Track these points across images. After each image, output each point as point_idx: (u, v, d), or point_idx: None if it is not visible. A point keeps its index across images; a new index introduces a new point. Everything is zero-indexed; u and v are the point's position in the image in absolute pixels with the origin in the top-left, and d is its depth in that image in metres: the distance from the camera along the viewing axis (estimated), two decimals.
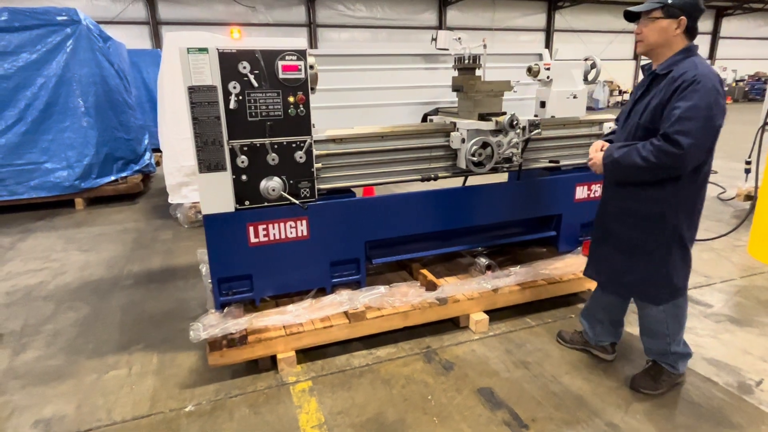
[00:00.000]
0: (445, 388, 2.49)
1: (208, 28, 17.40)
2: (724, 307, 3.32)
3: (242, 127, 2.54)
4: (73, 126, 6.09)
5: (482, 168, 3.05)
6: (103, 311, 3.45)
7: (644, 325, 2.46)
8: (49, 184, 6.11)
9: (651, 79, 2.20)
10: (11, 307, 3.55)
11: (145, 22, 16.95)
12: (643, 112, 2.17)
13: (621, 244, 2.34)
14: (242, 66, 2.45)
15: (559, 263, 3.40)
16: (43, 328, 3.23)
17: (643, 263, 2.27)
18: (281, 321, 2.72)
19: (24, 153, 5.98)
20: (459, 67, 3.19)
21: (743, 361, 2.68)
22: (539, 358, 2.75)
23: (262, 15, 18.25)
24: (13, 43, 5.71)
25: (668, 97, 2.02)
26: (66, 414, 2.38)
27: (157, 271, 4.17)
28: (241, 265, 2.76)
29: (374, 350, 2.86)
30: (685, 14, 2.04)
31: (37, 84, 5.85)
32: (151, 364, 2.79)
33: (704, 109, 1.93)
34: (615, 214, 2.36)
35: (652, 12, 2.09)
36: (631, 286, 2.37)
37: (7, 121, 5.85)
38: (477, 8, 20.89)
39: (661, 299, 2.30)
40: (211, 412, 2.37)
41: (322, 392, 2.49)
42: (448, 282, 3.22)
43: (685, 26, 2.06)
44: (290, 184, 2.71)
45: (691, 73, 1.98)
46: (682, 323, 2.38)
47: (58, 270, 4.25)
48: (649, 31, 2.13)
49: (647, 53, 2.23)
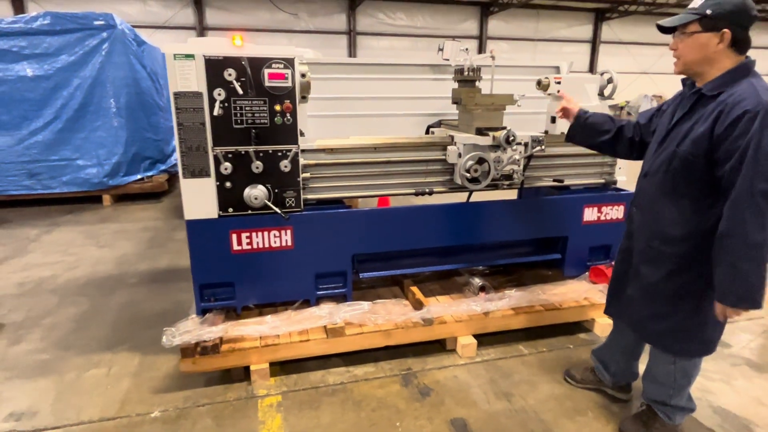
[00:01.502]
0: (417, 416, 2.36)
1: (252, 34, 17.90)
2: (744, 348, 3.01)
3: (227, 134, 2.53)
4: (104, 125, 6.36)
5: (478, 184, 2.91)
6: (102, 308, 3.53)
7: (651, 371, 2.21)
8: (79, 180, 6.40)
9: (696, 101, 1.88)
10: (19, 298, 3.70)
11: (192, 28, 17.63)
12: (684, 139, 1.85)
13: (649, 288, 2.03)
14: (228, 73, 2.44)
15: (561, 288, 3.20)
16: (42, 321, 3.33)
17: (675, 311, 1.97)
18: (258, 331, 2.68)
19: (58, 149, 6.29)
20: (458, 79, 3.07)
21: (755, 413, 2.40)
22: (524, 390, 2.57)
23: (304, 22, 18.61)
24: (54, 46, 6.03)
25: (723, 129, 1.70)
26: (39, 410, 2.42)
27: (163, 271, 4.24)
28: (223, 272, 2.74)
29: (353, 368, 2.76)
30: (729, 25, 1.71)
31: (73, 85, 6.15)
32: (132, 365, 2.81)
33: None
34: (646, 254, 2.04)
35: (689, 25, 1.80)
36: (658, 335, 2.07)
37: (45, 119, 6.18)
38: (520, 18, 20.50)
39: (690, 353, 2.03)
40: (176, 419, 2.34)
41: (289, 409, 2.42)
42: (439, 301, 3.09)
43: (731, 39, 1.74)
44: (275, 193, 2.68)
45: (752, 100, 1.66)
46: (691, 379, 2.13)
47: (71, 264, 4.40)
48: (686, 47, 1.83)
49: (686, 73, 1.92)
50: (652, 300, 2.04)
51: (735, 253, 1.71)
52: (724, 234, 1.74)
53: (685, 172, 1.85)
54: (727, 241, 1.73)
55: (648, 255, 2.04)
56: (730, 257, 1.73)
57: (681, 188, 1.89)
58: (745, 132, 1.65)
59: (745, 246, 1.69)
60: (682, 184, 1.88)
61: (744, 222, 1.68)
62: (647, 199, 2.04)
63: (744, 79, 1.75)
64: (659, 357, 2.13)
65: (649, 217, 2.03)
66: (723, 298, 1.77)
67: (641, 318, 2.10)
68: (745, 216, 1.68)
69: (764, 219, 1.66)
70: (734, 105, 1.69)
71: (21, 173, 6.25)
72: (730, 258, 1.73)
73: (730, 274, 1.74)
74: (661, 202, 1.96)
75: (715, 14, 1.73)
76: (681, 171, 1.86)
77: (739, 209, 1.68)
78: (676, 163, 1.87)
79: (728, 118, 1.69)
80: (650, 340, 2.14)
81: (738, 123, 1.67)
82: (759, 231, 1.67)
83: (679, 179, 1.88)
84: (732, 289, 1.74)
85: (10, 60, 5.96)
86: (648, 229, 2.03)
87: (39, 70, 6.04)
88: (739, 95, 1.70)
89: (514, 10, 19.88)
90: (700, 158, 1.79)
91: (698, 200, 1.84)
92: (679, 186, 1.89)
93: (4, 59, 5.93)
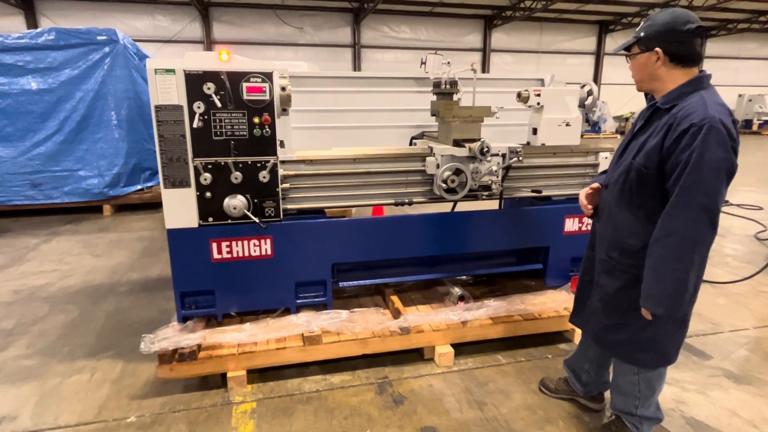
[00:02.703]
0: (388, 424, 2.38)
1: (259, 48, 18.30)
2: (724, 360, 3.00)
3: (207, 146, 2.60)
4: (105, 137, 6.51)
5: (455, 195, 2.96)
6: (90, 316, 3.60)
7: (616, 381, 2.21)
8: (80, 191, 6.54)
9: (651, 113, 1.93)
10: (12, 306, 3.78)
11: (200, 42, 17.98)
12: (639, 151, 1.88)
13: (608, 298, 2.05)
14: (207, 87, 2.52)
15: (541, 298, 3.21)
16: (31, 328, 3.40)
17: (632, 322, 1.97)
18: (236, 339, 2.72)
19: (61, 161, 6.45)
20: (436, 92, 3.13)
21: (727, 424, 2.39)
22: (498, 399, 2.58)
23: (310, 36, 18.92)
24: (58, 60, 6.22)
25: (671, 142, 1.74)
26: (19, 414, 2.48)
27: (153, 280, 4.31)
28: (203, 280, 2.80)
29: (329, 376, 2.79)
30: (660, 44, 1.79)
31: (76, 97, 6.32)
32: (113, 372, 2.86)
33: (722, 157, 1.67)
34: (605, 264, 2.07)
35: (631, 48, 1.91)
36: (616, 345, 2.07)
37: (48, 131, 6.35)
38: (523, 31, 20.67)
39: (647, 364, 2.02)
40: (150, 425, 2.38)
41: (262, 416, 2.45)
42: (419, 310, 3.12)
43: (668, 56, 1.80)
44: (255, 203, 2.74)
45: (699, 114, 1.69)
46: (655, 389, 2.12)
47: (66, 273, 4.49)
48: (633, 67, 1.94)
49: (643, 90, 1.99)
50: (610, 311, 2.05)
51: (661, 259, 1.75)
52: (654, 240, 1.78)
53: (640, 184, 1.87)
54: (656, 247, 1.77)
55: (607, 266, 2.06)
56: (655, 262, 1.77)
57: (637, 200, 1.91)
58: (689, 145, 1.68)
59: (672, 254, 1.72)
60: (638, 195, 1.90)
61: (676, 232, 1.71)
62: (607, 211, 2.07)
63: (696, 93, 1.79)
64: (622, 367, 2.14)
65: (609, 228, 2.05)
66: (644, 301, 1.82)
67: (601, 328, 2.11)
68: (676, 225, 1.71)
69: (697, 232, 1.69)
70: (683, 118, 1.72)
71: (24, 184, 6.40)
72: (655, 263, 1.77)
73: (652, 278, 1.78)
74: (619, 213, 1.98)
75: (647, 35, 1.82)
76: (637, 183, 1.88)
77: (674, 219, 1.72)
78: (633, 175, 1.89)
79: (676, 132, 1.73)
80: (610, 350, 2.15)
81: (684, 136, 1.70)
82: (687, 241, 1.70)
83: (635, 191, 1.90)
84: (653, 293, 1.78)
85: (16, 74, 6.15)
86: (607, 240, 2.06)
87: (43, 84, 6.22)
88: (688, 109, 1.74)
89: (518, 23, 20.04)
90: (652, 170, 1.82)
91: (654, 212, 1.84)
92: (635, 198, 1.91)
93: (9, 73, 6.12)
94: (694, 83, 1.81)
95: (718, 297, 3.93)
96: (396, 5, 18.11)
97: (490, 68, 20.40)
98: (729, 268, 4.61)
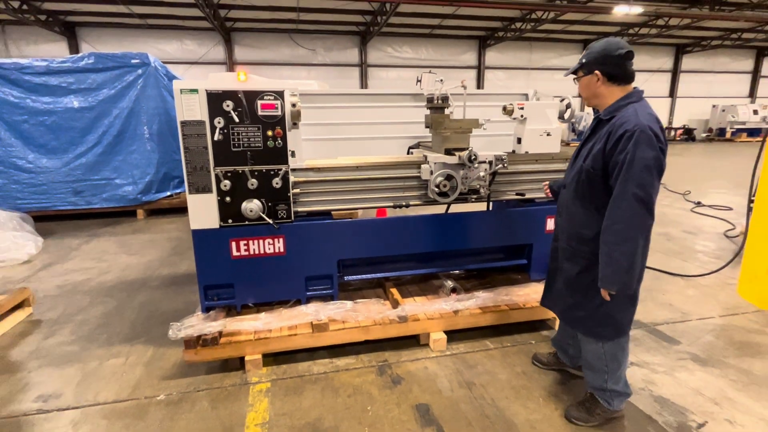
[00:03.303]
0: (386, 401, 2.43)
1: (276, 68, 18.45)
2: (692, 345, 3.01)
3: (226, 156, 2.67)
4: (139, 149, 6.63)
5: (447, 198, 3.01)
6: (125, 307, 3.68)
7: (586, 358, 2.29)
8: (117, 197, 6.67)
9: (596, 124, 2.12)
10: (57, 298, 3.88)
11: (223, 63, 18.18)
12: (587, 156, 2.06)
13: (570, 281, 2.21)
14: (226, 104, 2.60)
15: (526, 290, 3.25)
16: (74, 318, 3.50)
17: (590, 300, 2.12)
18: (253, 327, 2.79)
19: (99, 170, 6.57)
20: (430, 107, 3.19)
21: (692, 402, 2.41)
22: (485, 380, 2.62)
23: (321, 57, 19.05)
24: (97, 81, 6.35)
25: (610, 146, 1.91)
26: (63, 393, 2.56)
27: (181, 276, 4.40)
28: (224, 275, 2.87)
29: (336, 360, 2.85)
30: (598, 67, 1.99)
31: (112, 114, 6.45)
32: (145, 356, 2.94)
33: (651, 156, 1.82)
34: (566, 252, 2.23)
35: (577, 72, 2.11)
36: (579, 321, 2.22)
37: (88, 144, 6.48)
38: (514, 50, 20.68)
39: (605, 336, 2.13)
40: (177, 402, 2.45)
41: (275, 394, 2.51)
42: (415, 301, 3.17)
43: (606, 77, 1.99)
44: (269, 206, 2.81)
45: (632, 123, 1.86)
46: (621, 362, 2.19)
47: (104, 269, 4.59)
48: (580, 88, 2.13)
49: (589, 105, 2.19)
50: (573, 291, 2.19)
51: (610, 245, 1.89)
52: (604, 229, 1.92)
53: (589, 183, 2.04)
54: (606, 235, 1.92)
55: (568, 253, 2.20)
56: (607, 248, 1.91)
57: (588, 196, 2.07)
58: (624, 148, 1.85)
59: (618, 239, 1.86)
60: (589, 192, 2.06)
61: (620, 221, 1.86)
62: (565, 206, 2.22)
63: (630, 105, 1.96)
64: (587, 343, 2.22)
65: (567, 221, 2.20)
66: (601, 283, 1.95)
67: (566, 307, 2.25)
68: (619, 214, 1.86)
69: (637, 219, 1.84)
70: (619, 127, 1.90)
71: (67, 191, 6.54)
72: (606, 248, 1.91)
73: (605, 262, 1.92)
74: (575, 208, 2.14)
75: (588, 61, 2.02)
76: (587, 182, 2.04)
77: (617, 210, 1.87)
78: (583, 176, 2.06)
79: (614, 138, 1.90)
80: (573, 326, 2.26)
81: (620, 141, 1.87)
82: (630, 227, 1.85)
83: (586, 189, 2.07)
84: (607, 274, 1.91)
85: (60, 94, 6.29)
86: (567, 231, 2.20)
87: (84, 102, 6.35)
88: (623, 119, 1.91)
89: (509, 43, 20.06)
90: (598, 171, 1.98)
91: (602, 206, 1.99)
92: (586, 195, 2.08)
93: (54, 93, 6.26)
94: (629, 97, 1.99)
95: (688, 289, 3.94)
96: (399, 28, 18.19)
97: (485, 84, 20.42)
98: (699, 262, 4.61)
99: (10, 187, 6.36)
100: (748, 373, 2.68)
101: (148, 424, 2.29)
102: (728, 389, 2.52)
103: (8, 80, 6.12)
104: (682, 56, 23.10)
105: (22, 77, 6.14)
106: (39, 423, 2.32)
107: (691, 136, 22.88)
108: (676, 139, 22.82)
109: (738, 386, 2.55)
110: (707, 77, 24.04)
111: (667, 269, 4.35)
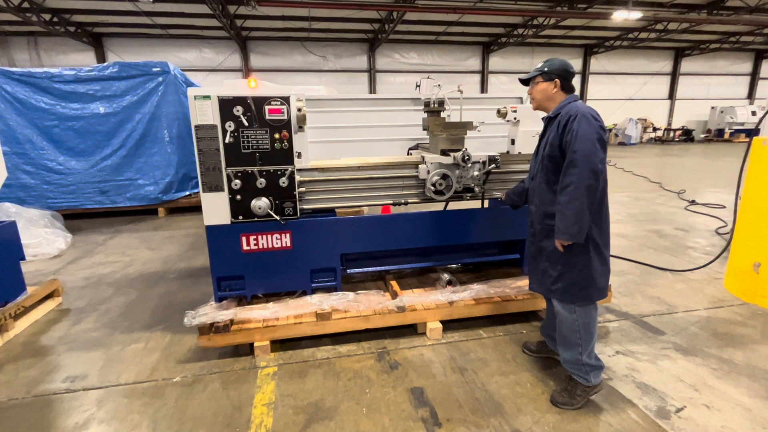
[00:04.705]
0: (383, 385, 2.50)
1: (288, 74, 18.60)
2: (676, 335, 3.03)
3: (237, 157, 2.76)
4: (160, 152, 6.78)
5: (443, 196, 3.07)
6: (145, 297, 3.81)
7: (560, 333, 2.34)
8: (139, 196, 6.83)
9: (547, 123, 2.36)
10: (84, 289, 4.02)
11: (239, 70, 18.39)
12: (545, 147, 2.31)
13: (552, 256, 2.32)
14: (236, 109, 2.69)
15: (518, 283, 3.29)
16: (99, 307, 3.62)
17: (571, 268, 2.25)
18: (261, 315, 2.88)
19: (123, 171, 6.74)
20: (426, 110, 3.24)
21: (672, 388, 2.44)
22: (477, 366, 2.67)
23: (332, 63, 19.16)
24: (121, 89, 6.51)
25: (561, 131, 2.18)
26: (89, 374, 2.67)
27: (197, 269, 4.51)
28: (235, 267, 2.96)
29: (338, 347, 2.92)
30: (558, 77, 2.28)
31: (135, 119, 6.61)
32: (163, 341, 3.04)
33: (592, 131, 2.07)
34: (542, 232, 2.37)
35: (536, 78, 2.36)
36: (563, 290, 2.29)
37: (113, 147, 6.65)
38: (517, 54, 20.57)
39: (590, 298, 2.25)
40: (191, 384, 2.55)
41: (282, 377, 2.59)
42: (414, 293, 3.22)
43: (561, 85, 2.29)
44: (276, 204, 2.89)
45: (573, 111, 2.16)
46: (592, 333, 2.28)
47: (127, 263, 4.73)
48: (535, 92, 2.38)
49: (539, 108, 2.44)
50: (555, 263, 2.30)
51: (562, 204, 2.11)
52: (559, 192, 2.15)
53: (552, 167, 2.27)
54: (560, 197, 2.13)
55: (545, 231, 2.34)
56: (560, 206, 2.12)
57: (553, 178, 2.28)
58: (571, 128, 2.12)
59: (568, 198, 2.08)
60: (554, 176, 2.27)
61: (571, 183, 2.07)
62: (536, 194, 2.41)
63: (572, 103, 2.25)
64: (563, 315, 2.30)
65: (539, 205, 2.37)
66: (556, 234, 2.16)
67: (551, 281, 2.32)
68: (568, 179, 2.09)
69: (581, 180, 2.04)
70: (565, 115, 2.18)
71: (94, 191, 6.72)
72: (560, 207, 2.12)
73: (559, 218, 2.14)
74: (544, 192, 2.34)
75: (549, 70, 2.30)
76: (550, 166, 2.27)
77: (569, 175, 2.09)
78: (546, 161, 2.29)
79: (562, 124, 2.18)
80: (559, 298, 2.31)
81: (568, 124, 2.15)
82: (577, 188, 2.05)
83: (550, 173, 2.29)
84: (560, 227, 2.13)
85: (87, 100, 6.47)
86: (541, 214, 2.36)
87: (109, 108, 6.52)
88: (568, 111, 2.20)
89: (512, 48, 19.97)
90: (556, 152, 2.22)
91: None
92: (551, 177, 2.29)
93: (82, 100, 6.44)
94: (570, 99, 2.30)
95: (676, 283, 3.94)
96: (405, 35, 18.23)
97: (488, 88, 20.35)
98: (689, 258, 4.60)
99: (42, 187, 6.56)
100: (728, 362, 2.69)
101: (164, 402, 2.39)
102: (708, 377, 2.54)
103: (40, 88, 6.32)
104: (681, 59, 22.77)
105: (53, 85, 6.33)
106: (67, 401, 2.43)
107: (690, 136, 22.57)
108: (675, 140, 22.51)
109: (718, 374, 2.57)
110: (706, 79, 23.66)
111: (657, 264, 4.34)
